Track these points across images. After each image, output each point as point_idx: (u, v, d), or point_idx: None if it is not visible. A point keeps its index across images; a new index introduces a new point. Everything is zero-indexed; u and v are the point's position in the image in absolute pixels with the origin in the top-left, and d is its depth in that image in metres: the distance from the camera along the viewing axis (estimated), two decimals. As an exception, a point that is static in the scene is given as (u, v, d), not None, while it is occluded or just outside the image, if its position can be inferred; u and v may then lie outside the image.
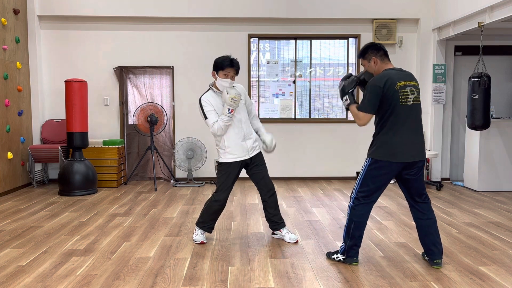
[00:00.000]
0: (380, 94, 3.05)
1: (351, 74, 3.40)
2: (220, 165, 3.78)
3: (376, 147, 3.15)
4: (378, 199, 5.64)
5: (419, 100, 3.16)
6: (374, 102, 3.08)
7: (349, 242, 3.28)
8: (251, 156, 3.78)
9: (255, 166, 3.83)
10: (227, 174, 3.75)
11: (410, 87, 3.09)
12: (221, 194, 3.76)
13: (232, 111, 3.58)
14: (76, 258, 3.47)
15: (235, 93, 3.56)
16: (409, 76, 3.16)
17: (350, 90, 3.31)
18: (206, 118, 3.67)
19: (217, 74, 3.70)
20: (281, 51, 7.27)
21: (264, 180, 3.85)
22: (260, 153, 3.89)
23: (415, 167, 3.14)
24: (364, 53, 3.26)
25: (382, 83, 3.05)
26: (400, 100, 3.05)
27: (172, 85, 7.07)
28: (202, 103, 3.69)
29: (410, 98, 3.08)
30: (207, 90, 3.78)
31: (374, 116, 3.17)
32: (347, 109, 3.34)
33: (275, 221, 3.92)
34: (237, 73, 3.74)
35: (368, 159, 3.20)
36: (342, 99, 3.37)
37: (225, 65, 3.66)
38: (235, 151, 3.72)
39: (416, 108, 3.12)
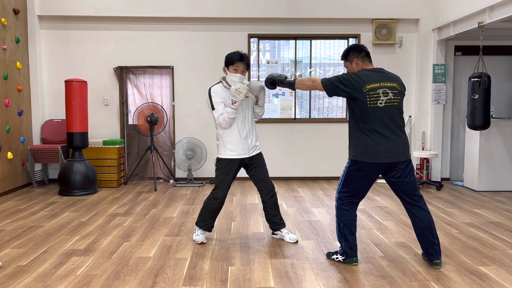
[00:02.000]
0: (341, 85, 3.08)
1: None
2: (219, 162, 3.77)
3: (352, 148, 3.18)
4: (378, 199, 5.66)
5: (397, 102, 3.11)
6: (334, 85, 3.10)
7: (344, 243, 3.29)
8: (251, 155, 3.78)
9: (255, 167, 3.83)
10: (226, 172, 3.74)
11: (383, 88, 3.07)
12: (220, 192, 3.75)
13: (235, 103, 3.57)
14: (76, 258, 3.47)
15: (240, 85, 3.57)
16: (387, 78, 3.13)
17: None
18: (213, 109, 3.68)
19: (227, 69, 3.70)
20: (281, 51, 7.27)
21: (264, 181, 3.85)
22: (260, 154, 3.88)
23: (397, 169, 3.13)
24: (346, 55, 3.29)
25: (349, 79, 3.08)
26: (368, 102, 3.04)
27: (172, 85, 7.07)
28: (212, 94, 3.69)
29: (382, 100, 3.05)
30: (217, 83, 3.79)
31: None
32: (293, 85, 3.40)
33: (275, 221, 3.92)
34: (247, 68, 3.73)
35: (348, 160, 3.22)
36: (284, 79, 3.46)
37: (234, 60, 3.65)
38: (235, 148, 3.71)
39: (390, 110, 3.08)
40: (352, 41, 7.24)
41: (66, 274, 3.14)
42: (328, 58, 7.31)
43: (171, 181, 7.09)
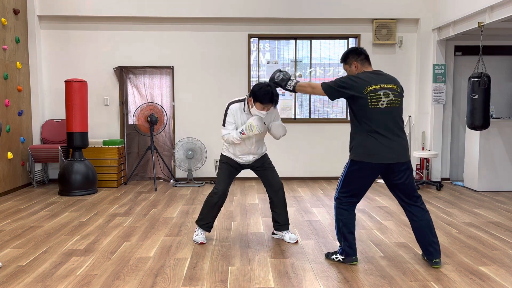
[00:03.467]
0: (342, 89, 3.11)
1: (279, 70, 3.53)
2: (221, 157, 3.90)
3: (353, 148, 3.19)
4: (378, 199, 5.66)
5: (397, 103, 3.14)
6: (335, 89, 3.14)
7: (344, 243, 3.30)
8: (250, 163, 3.87)
9: (260, 169, 3.90)
10: (225, 166, 3.83)
11: (384, 90, 3.09)
12: (219, 185, 3.80)
13: (243, 134, 3.60)
14: (76, 258, 3.47)
15: (256, 124, 3.54)
16: (387, 80, 3.16)
17: (290, 77, 3.45)
18: (223, 125, 3.73)
19: (254, 103, 3.61)
20: (281, 51, 7.27)
21: (270, 181, 3.88)
22: (263, 157, 3.90)
23: (397, 171, 3.14)
24: (345, 58, 3.30)
25: (350, 82, 3.11)
26: (370, 104, 3.06)
27: (172, 85, 7.07)
28: (228, 112, 3.72)
29: (383, 101, 3.07)
30: (240, 100, 3.75)
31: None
32: (293, 90, 3.41)
33: (278, 221, 3.92)
34: (275, 106, 3.68)
35: (348, 160, 3.24)
36: (284, 85, 3.42)
37: (265, 101, 3.56)
38: (233, 155, 3.82)
39: (392, 111, 3.11)
40: (352, 41, 7.24)
41: (66, 274, 3.14)
42: (328, 58, 7.31)
43: (171, 181, 7.09)
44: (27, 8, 6.61)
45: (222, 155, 3.91)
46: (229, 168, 3.83)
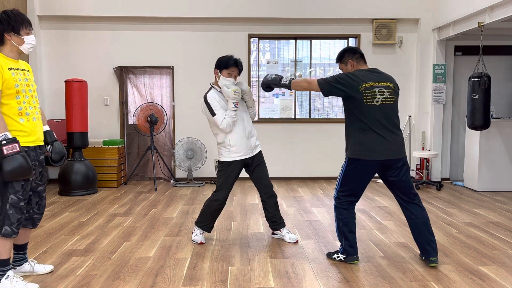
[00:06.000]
0: (340, 86, 3.13)
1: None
2: (222, 165, 3.78)
3: (350, 146, 3.22)
4: (378, 199, 5.66)
5: (392, 101, 3.18)
6: (332, 85, 3.16)
7: (344, 242, 3.31)
8: (254, 154, 3.79)
9: (256, 166, 3.84)
10: (227, 173, 3.75)
11: (379, 87, 3.13)
12: (221, 193, 3.76)
13: (237, 104, 3.62)
14: (76, 258, 3.47)
15: (235, 87, 3.62)
16: (382, 78, 3.20)
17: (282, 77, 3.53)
18: (213, 115, 3.67)
19: (220, 72, 3.72)
20: (281, 51, 7.27)
21: (264, 181, 3.86)
22: (261, 152, 3.90)
23: (393, 168, 3.17)
24: (341, 57, 3.36)
25: (347, 79, 3.13)
26: (365, 101, 3.10)
27: (172, 85, 7.07)
28: (209, 101, 3.70)
29: (378, 98, 3.11)
30: (210, 89, 3.79)
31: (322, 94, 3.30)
32: (289, 87, 3.45)
33: (275, 220, 3.93)
34: (239, 73, 3.78)
35: (345, 159, 3.26)
36: (279, 80, 3.50)
37: (230, 64, 3.69)
38: (239, 149, 3.71)
39: (386, 108, 3.14)
40: (352, 41, 7.24)
41: (66, 274, 3.14)
42: (328, 58, 7.31)
43: (171, 181, 7.09)
44: (27, 8, 6.61)
45: (221, 162, 3.79)
46: (231, 174, 3.74)
